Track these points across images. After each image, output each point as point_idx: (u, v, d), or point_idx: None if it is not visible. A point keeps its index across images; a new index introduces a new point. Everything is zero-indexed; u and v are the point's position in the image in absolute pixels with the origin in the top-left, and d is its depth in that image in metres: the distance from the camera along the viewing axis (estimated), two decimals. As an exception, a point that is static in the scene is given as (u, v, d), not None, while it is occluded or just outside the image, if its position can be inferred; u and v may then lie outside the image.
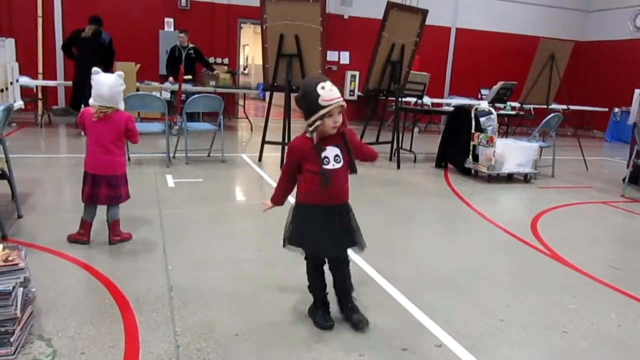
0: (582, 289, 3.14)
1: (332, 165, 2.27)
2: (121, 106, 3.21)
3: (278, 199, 2.51)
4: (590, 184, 6.54)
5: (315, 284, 2.48)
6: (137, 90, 7.85)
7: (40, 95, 9.21)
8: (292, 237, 2.37)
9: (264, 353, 2.19)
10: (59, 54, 9.85)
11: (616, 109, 11.81)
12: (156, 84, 8.88)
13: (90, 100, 3.16)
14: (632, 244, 4.27)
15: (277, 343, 2.27)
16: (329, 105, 2.17)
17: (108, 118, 3.13)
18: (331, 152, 2.27)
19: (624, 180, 6.07)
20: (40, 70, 9.70)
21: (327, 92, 2.18)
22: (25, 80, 7.79)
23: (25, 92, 7.89)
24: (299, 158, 2.31)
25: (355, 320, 2.39)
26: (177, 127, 7.18)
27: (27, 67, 8.39)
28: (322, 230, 2.30)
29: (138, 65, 8.77)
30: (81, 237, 3.28)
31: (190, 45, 8.89)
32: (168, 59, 8.98)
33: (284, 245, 2.41)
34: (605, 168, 8.13)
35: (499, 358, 2.27)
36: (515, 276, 3.28)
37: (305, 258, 2.45)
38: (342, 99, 2.23)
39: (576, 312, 2.78)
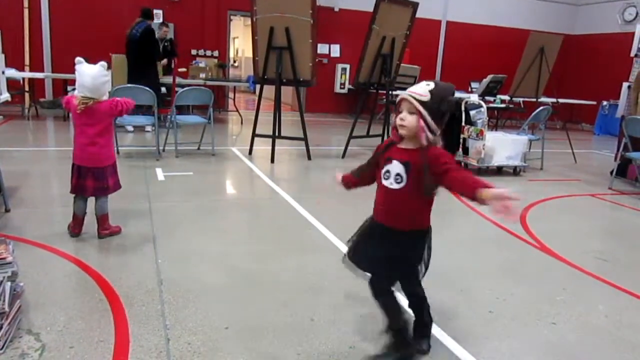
0: (570, 280, 3.17)
1: (389, 183, 1.90)
2: (105, 98, 3.16)
3: (348, 179, 2.16)
4: (578, 176, 6.59)
5: (384, 312, 2.08)
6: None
7: (27, 88, 9.11)
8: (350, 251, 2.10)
9: (254, 346, 2.19)
10: (47, 46, 9.75)
11: (604, 102, 11.91)
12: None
13: (75, 91, 3.13)
14: (619, 236, 4.32)
15: (268, 336, 2.27)
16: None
17: (90, 110, 3.07)
18: (395, 167, 1.89)
19: (611, 172, 6.13)
20: (27, 62, 9.58)
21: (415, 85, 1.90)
22: (11, 73, 7.68)
23: (12, 84, 7.79)
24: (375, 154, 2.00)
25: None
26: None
27: (13, 59, 8.29)
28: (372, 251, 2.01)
29: None
30: (72, 229, 3.26)
31: (168, 38, 8.79)
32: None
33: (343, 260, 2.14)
34: (593, 161, 8.20)
35: (488, 349, 2.29)
36: (504, 268, 3.30)
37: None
38: (410, 92, 1.85)
39: (564, 303, 2.81)
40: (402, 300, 2.14)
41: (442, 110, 1.83)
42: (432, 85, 1.83)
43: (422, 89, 1.82)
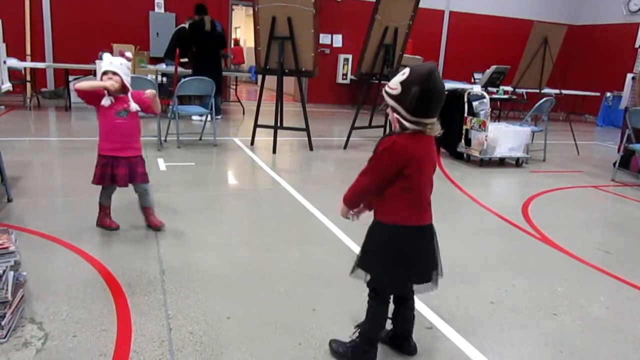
0: (572, 272, 3.17)
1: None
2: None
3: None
4: (581, 168, 6.58)
5: (381, 319, 2.04)
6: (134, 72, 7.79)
7: (28, 78, 9.09)
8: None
9: (256, 336, 2.20)
10: (48, 36, 9.72)
11: (608, 94, 11.85)
12: (151, 67, 8.79)
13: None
14: (622, 227, 4.31)
15: (269, 326, 2.28)
16: None
17: None
18: None
19: (614, 164, 6.11)
20: (28, 52, 9.56)
21: None
22: (13, 62, 7.67)
23: (14, 74, 7.78)
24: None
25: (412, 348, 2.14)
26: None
27: (14, 48, 8.25)
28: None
29: (137, 47, 8.71)
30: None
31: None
32: (175, 43, 8.54)
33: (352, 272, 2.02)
34: (596, 152, 8.18)
35: (489, 340, 2.30)
36: (506, 260, 3.30)
37: (375, 290, 2.00)
38: (386, 87, 1.86)
39: (566, 295, 2.82)
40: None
41: (412, 95, 1.74)
42: (406, 74, 1.77)
43: (395, 82, 1.80)
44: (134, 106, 3.09)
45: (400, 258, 1.88)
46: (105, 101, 3.06)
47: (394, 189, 1.85)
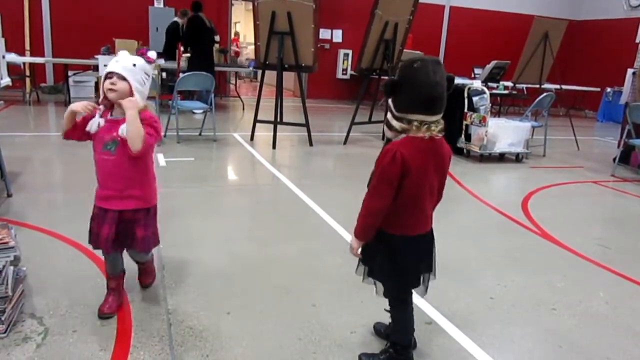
0: (571, 267, 3.18)
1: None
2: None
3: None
4: (581, 163, 6.57)
5: (409, 321, 2.01)
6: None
7: (28, 73, 9.06)
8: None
9: (256, 331, 2.20)
10: (47, 30, 9.68)
11: (608, 89, 11.82)
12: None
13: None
14: (621, 222, 4.32)
15: (269, 322, 2.28)
16: None
17: None
18: None
19: (614, 159, 6.11)
20: (27, 47, 9.52)
21: None
22: (12, 57, 7.64)
23: (13, 69, 7.75)
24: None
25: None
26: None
27: (13, 43, 8.23)
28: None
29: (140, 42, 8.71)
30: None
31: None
32: (172, 38, 8.72)
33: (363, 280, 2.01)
34: (596, 148, 8.17)
35: (488, 335, 2.30)
36: (505, 255, 3.31)
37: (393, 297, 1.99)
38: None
39: (565, 290, 2.82)
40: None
41: (390, 82, 1.73)
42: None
43: None
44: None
45: (397, 265, 1.86)
46: (92, 124, 2.03)
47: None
